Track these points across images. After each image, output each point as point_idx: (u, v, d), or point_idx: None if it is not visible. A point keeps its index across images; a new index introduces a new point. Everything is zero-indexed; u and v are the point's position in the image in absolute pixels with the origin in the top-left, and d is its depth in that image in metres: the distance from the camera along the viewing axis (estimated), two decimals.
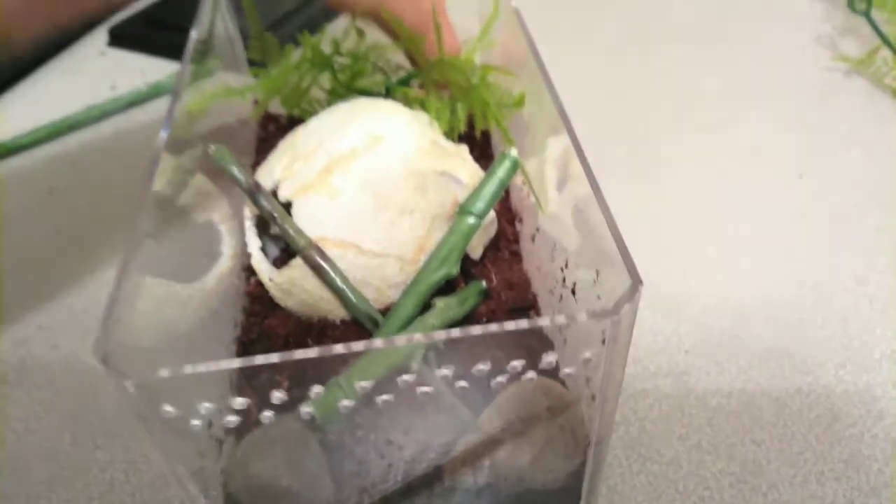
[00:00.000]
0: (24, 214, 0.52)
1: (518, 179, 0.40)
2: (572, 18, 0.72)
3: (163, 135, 0.29)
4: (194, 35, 0.36)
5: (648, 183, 0.52)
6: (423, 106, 0.40)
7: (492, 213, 0.38)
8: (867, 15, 0.60)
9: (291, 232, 0.34)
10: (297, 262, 0.35)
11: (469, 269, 0.38)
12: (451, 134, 0.40)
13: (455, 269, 0.32)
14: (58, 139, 0.58)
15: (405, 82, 0.42)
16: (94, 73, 0.66)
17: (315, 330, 0.36)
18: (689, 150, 0.55)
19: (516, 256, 0.40)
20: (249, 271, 0.39)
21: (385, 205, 0.35)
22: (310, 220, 0.34)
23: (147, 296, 0.25)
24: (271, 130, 0.47)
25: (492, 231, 0.40)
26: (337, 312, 0.36)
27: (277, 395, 0.23)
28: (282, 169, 0.36)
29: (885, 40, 0.58)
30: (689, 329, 0.42)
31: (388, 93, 0.43)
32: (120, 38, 0.69)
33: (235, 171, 0.34)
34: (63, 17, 0.41)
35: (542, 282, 0.36)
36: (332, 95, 0.43)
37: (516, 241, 0.41)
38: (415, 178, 0.35)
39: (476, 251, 0.39)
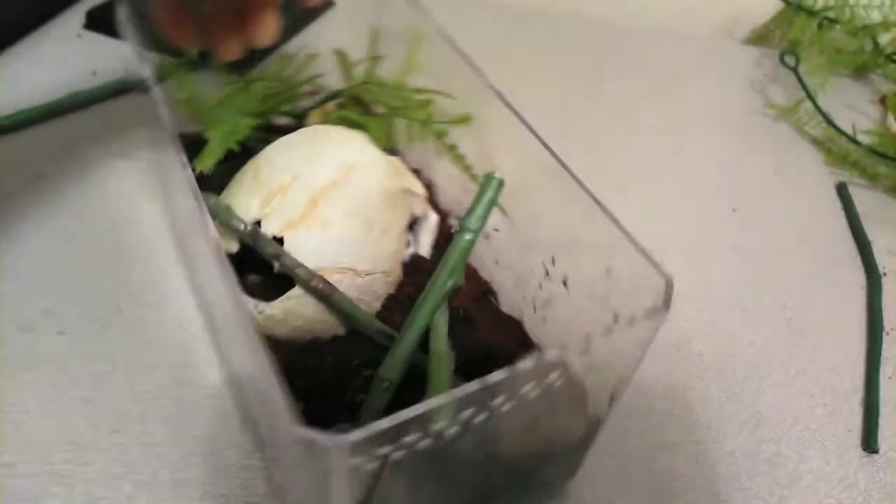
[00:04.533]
0: (14, 199, 0.53)
1: None
2: (534, 56, 0.78)
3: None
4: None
5: None
6: (359, 124, 0.43)
7: (434, 215, 0.43)
8: (795, 70, 0.69)
9: (295, 269, 0.37)
10: (294, 293, 0.38)
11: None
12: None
13: (461, 279, 0.37)
14: (42, 124, 0.59)
15: (324, 102, 0.46)
16: (72, 56, 0.67)
17: (311, 350, 0.39)
18: (631, 182, 0.62)
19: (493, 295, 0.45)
20: None
21: (371, 227, 0.39)
22: (307, 252, 0.38)
23: None
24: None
25: (435, 230, 0.45)
26: (329, 331, 0.40)
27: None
28: (258, 205, 0.39)
29: (808, 94, 0.67)
30: None
31: (303, 115, 0.46)
32: (97, 23, 0.70)
33: (235, 222, 0.37)
34: None
35: (521, 287, 0.41)
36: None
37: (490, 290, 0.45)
38: (388, 197, 0.40)
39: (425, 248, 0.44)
